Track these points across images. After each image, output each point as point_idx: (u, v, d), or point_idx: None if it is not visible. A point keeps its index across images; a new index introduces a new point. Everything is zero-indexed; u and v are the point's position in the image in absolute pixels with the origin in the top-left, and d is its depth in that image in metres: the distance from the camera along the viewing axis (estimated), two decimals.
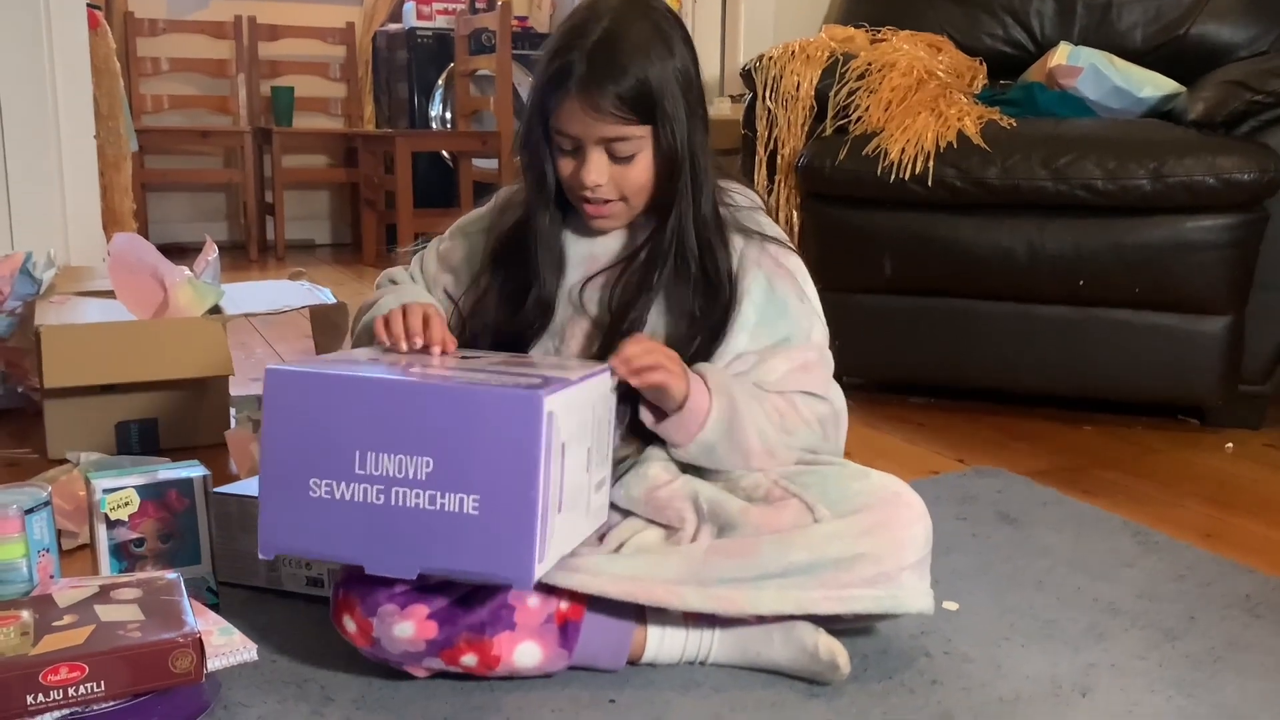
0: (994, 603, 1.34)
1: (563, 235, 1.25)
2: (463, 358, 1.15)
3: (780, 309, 1.22)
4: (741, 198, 1.28)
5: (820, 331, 1.25)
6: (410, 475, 0.99)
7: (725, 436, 1.15)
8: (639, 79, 1.13)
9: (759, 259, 1.23)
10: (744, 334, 1.21)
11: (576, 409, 1.04)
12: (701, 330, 1.20)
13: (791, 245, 1.28)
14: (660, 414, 1.16)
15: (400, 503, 1.00)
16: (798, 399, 1.20)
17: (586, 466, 1.08)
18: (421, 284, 1.33)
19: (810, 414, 1.20)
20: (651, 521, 1.16)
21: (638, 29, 1.15)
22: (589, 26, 1.14)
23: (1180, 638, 1.26)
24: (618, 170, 1.18)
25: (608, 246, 1.25)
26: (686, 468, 1.19)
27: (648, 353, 1.12)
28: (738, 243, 1.23)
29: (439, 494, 0.99)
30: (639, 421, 1.18)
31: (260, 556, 1.05)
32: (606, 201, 1.20)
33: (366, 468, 1.00)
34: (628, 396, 1.17)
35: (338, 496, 1.01)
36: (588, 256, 1.25)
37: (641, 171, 1.18)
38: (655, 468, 1.18)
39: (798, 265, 1.26)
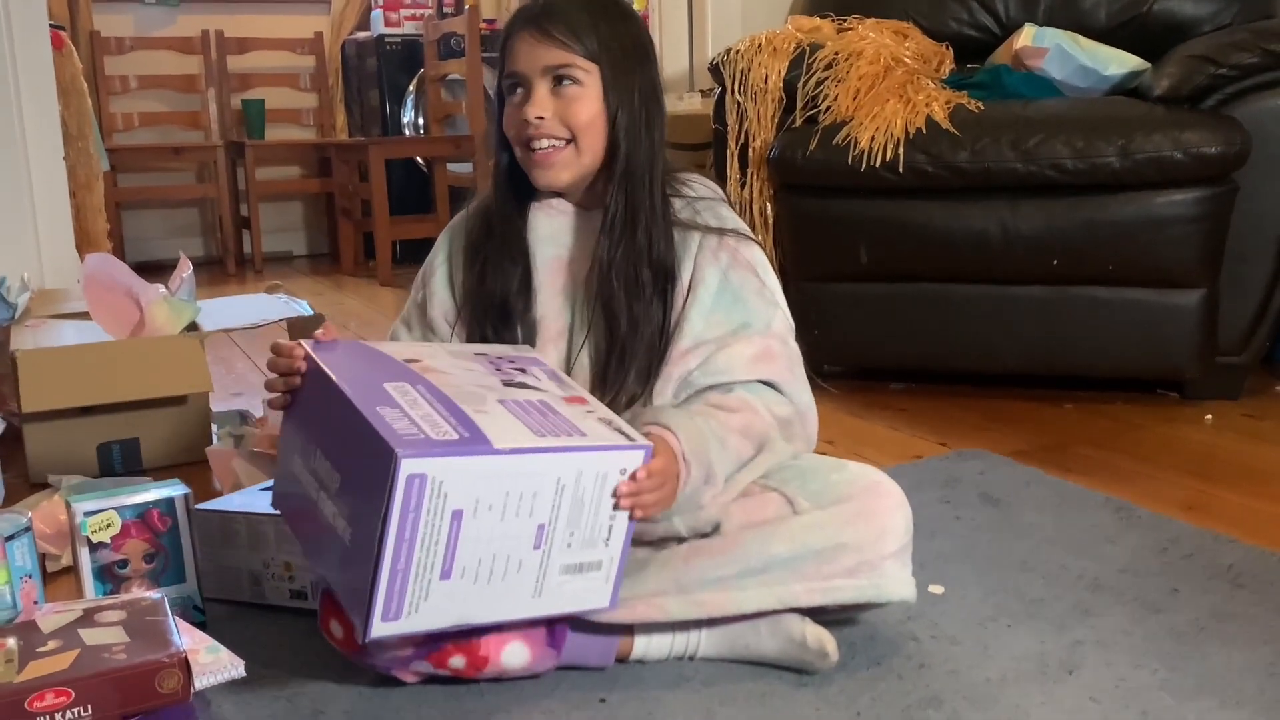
0: (979, 584, 1.35)
1: (528, 226, 1.23)
2: (518, 376, 1.08)
3: (735, 295, 1.19)
4: (703, 188, 1.25)
5: (781, 322, 1.21)
6: (328, 484, 0.98)
7: (688, 502, 1.10)
8: (589, 16, 1.15)
9: (717, 250, 1.20)
10: (699, 319, 1.18)
11: (502, 479, 0.94)
12: (656, 320, 1.18)
13: (753, 236, 1.24)
14: None
15: (320, 505, 0.99)
16: (758, 403, 1.16)
17: (537, 543, 0.98)
18: (417, 333, 1.29)
19: (775, 416, 1.17)
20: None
21: None
22: None
23: (1164, 610, 1.27)
24: (562, 105, 1.15)
25: (568, 234, 1.23)
26: None
27: (655, 488, 1.03)
28: (695, 236, 1.20)
29: (336, 511, 0.97)
30: None
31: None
32: (553, 146, 1.17)
33: (312, 463, 1.01)
34: None
35: (297, 476, 1.03)
36: (552, 255, 1.23)
37: (588, 106, 1.15)
38: None
39: (758, 257, 1.22)
